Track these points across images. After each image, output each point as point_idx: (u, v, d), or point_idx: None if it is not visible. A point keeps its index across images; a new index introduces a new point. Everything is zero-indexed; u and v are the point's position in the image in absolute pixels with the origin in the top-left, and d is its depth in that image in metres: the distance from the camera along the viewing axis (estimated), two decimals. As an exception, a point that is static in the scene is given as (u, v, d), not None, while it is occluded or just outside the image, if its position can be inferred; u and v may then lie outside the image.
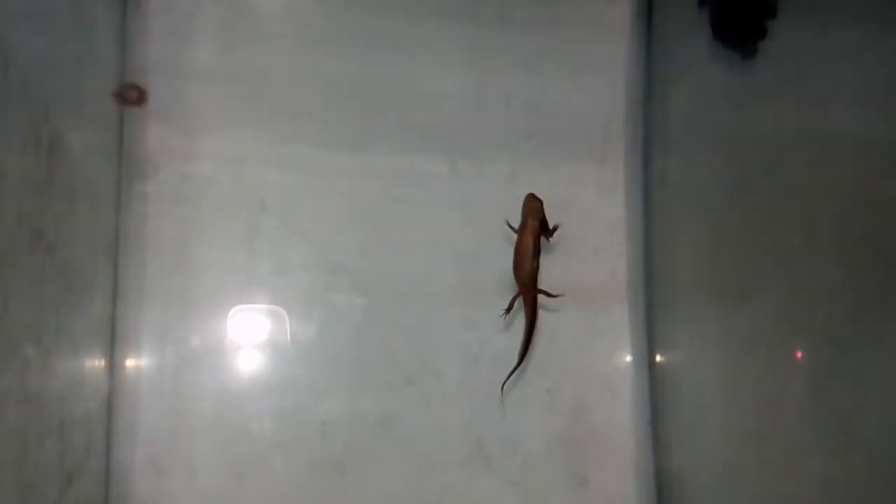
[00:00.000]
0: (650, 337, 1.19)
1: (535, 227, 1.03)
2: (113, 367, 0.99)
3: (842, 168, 0.90)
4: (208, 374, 1.04)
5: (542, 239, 1.05)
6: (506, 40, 1.18)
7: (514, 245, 1.04)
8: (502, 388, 1.06)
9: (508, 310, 1.05)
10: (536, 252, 1.03)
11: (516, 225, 1.04)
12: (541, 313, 1.09)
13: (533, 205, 1.03)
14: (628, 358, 1.18)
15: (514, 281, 1.04)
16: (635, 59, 1.21)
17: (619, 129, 1.20)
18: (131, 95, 0.96)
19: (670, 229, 1.19)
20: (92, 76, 0.92)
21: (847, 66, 0.92)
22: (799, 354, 0.96)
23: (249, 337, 1.06)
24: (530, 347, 1.06)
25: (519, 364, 1.05)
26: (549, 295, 1.05)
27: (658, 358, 1.18)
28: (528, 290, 1.04)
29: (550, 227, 1.05)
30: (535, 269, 1.04)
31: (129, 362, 1.01)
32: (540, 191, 1.05)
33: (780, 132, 1.03)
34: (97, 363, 0.97)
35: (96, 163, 0.96)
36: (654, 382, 1.18)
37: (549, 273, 1.08)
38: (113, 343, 1.00)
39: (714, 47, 1.10)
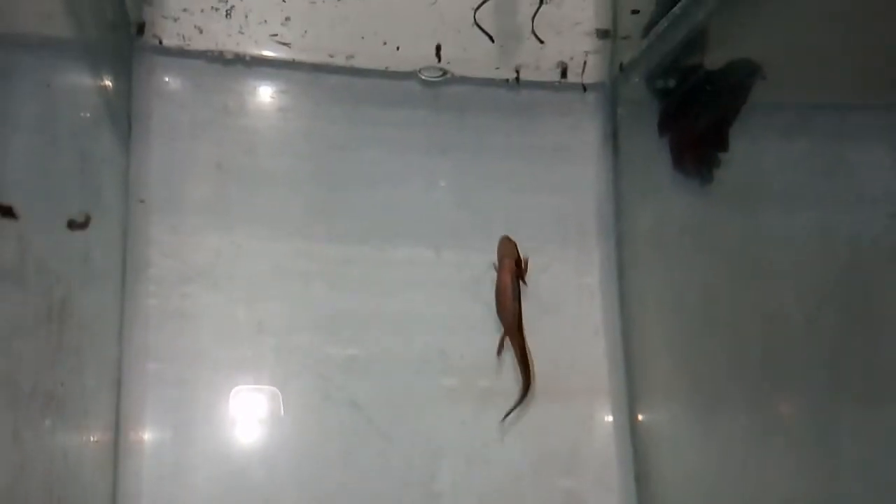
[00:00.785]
0: (634, 441, 1.24)
1: (513, 267, 1.08)
2: (118, 442, 1.06)
3: (803, 268, 0.97)
4: (208, 447, 1.10)
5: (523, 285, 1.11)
6: (485, 166, 1.27)
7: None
8: (504, 420, 1.11)
9: (499, 351, 1.11)
10: (517, 292, 1.09)
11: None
12: (527, 415, 1.16)
13: (508, 246, 1.10)
14: (614, 461, 1.23)
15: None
16: (603, 180, 1.30)
17: (593, 243, 1.29)
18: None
19: (647, 332, 1.25)
20: (98, 226, 0.99)
21: (796, 184, 1.00)
22: (775, 451, 1.01)
23: (247, 414, 1.12)
24: (531, 385, 1.12)
25: (521, 401, 1.10)
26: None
27: (641, 452, 1.23)
28: (514, 330, 1.08)
29: (525, 267, 1.11)
30: (518, 309, 1.09)
31: (133, 436, 1.07)
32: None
33: (739, 244, 1.10)
34: (103, 438, 1.03)
35: (102, 302, 1.03)
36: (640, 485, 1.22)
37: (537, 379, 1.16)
38: (118, 421, 1.06)
39: (677, 175, 1.18)
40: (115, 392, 1.07)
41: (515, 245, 1.10)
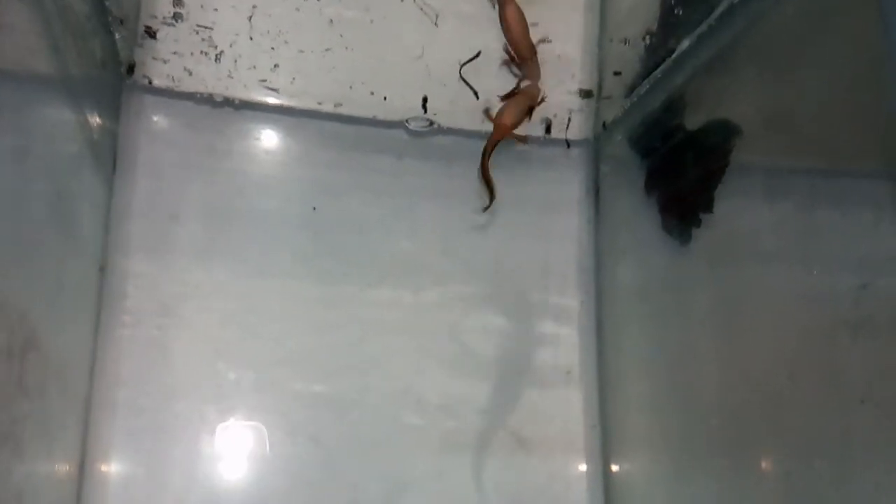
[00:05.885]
0: (607, 492, 1.23)
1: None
2: (83, 474, 1.04)
3: (783, 329, 0.97)
4: (176, 479, 1.09)
5: None
6: (470, 214, 1.28)
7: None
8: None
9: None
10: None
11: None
12: (502, 464, 1.18)
13: None
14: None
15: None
16: (586, 233, 1.31)
17: (574, 293, 1.29)
18: None
19: (624, 385, 1.25)
20: (72, 265, 0.99)
21: (777, 246, 1.01)
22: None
23: (218, 448, 1.12)
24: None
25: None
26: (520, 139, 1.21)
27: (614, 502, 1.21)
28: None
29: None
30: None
31: (100, 468, 1.06)
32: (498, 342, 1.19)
33: (719, 304, 1.10)
34: (67, 470, 1.01)
35: (72, 336, 1.02)
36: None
37: (506, 425, 1.18)
38: (84, 452, 1.05)
39: (656, 231, 1.19)
40: (83, 424, 1.06)
41: None
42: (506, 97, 1.22)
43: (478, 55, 1.20)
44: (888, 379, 0.79)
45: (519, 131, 1.24)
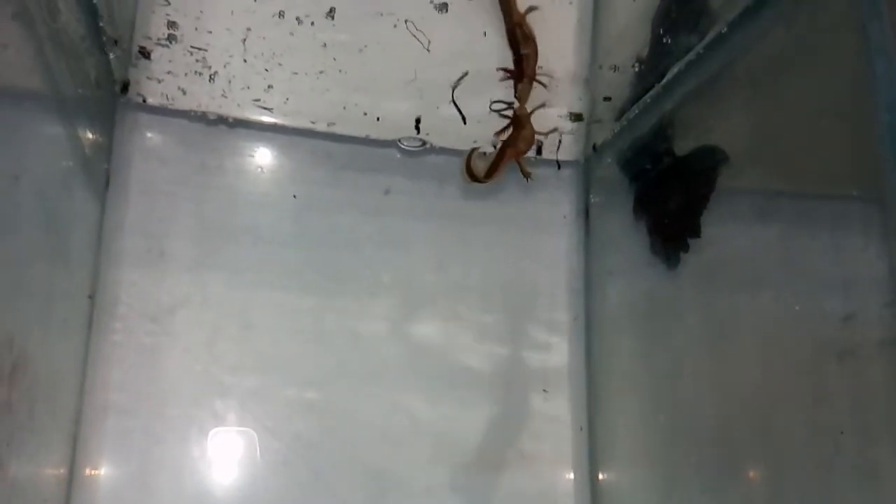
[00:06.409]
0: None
1: None
2: (73, 479, 1.04)
3: (768, 352, 0.98)
4: (163, 483, 1.09)
5: None
6: (462, 233, 1.29)
7: None
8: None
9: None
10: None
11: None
12: (490, 481, 1.18)
13: None
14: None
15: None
16: (575, 253, 1.32)
17: (563, 311, 1.30)
18: None
19: (612, 402, 1.26)
20: (62, 284, 0.99)
21: (763, 270, 1.02)
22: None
23: (219, 455, 1.13)
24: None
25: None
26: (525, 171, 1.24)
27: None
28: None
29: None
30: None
31: (91, 474, 1.07)
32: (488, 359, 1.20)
33: (706, 327, 1.11)
34: (55, 474, 1.01)
35: (62, 353, 1.02)
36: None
37: (496, 440, 1.19)
38: (73, 457, 1.05)
39: (645, 254, 1.20)
40: (73, 431, 1.07)
41: None
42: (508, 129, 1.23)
43: (465, 75, 1.22)
44: (872, 403, 0.80)
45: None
